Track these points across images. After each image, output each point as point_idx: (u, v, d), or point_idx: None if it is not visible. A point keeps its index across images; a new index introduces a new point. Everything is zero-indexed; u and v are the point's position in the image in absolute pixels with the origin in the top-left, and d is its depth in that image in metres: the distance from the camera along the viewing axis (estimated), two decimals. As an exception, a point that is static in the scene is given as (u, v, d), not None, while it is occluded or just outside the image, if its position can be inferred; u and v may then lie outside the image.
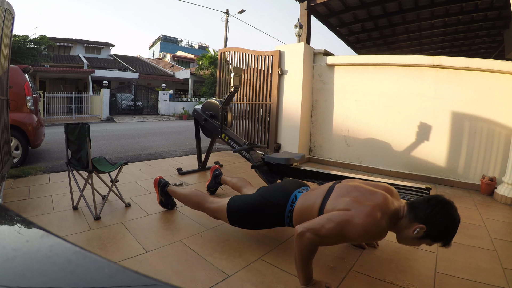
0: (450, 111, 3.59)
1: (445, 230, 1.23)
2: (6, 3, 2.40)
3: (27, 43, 12.96)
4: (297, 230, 1.30)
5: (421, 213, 1.25)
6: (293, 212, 1.57)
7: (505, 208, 2.78)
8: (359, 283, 1.43)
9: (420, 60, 3.76)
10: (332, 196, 1.43)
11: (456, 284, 1.45)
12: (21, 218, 0.52)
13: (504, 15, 5.92)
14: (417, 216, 1.26)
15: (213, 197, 1.91)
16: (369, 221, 1.22)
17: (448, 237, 1.24)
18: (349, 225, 1.23)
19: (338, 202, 1.37)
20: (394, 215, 1.31)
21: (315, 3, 5.45)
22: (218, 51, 5.61)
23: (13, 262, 0.36)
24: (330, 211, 1.36)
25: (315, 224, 1.28)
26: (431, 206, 1.25)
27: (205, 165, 3.74)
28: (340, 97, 4.41)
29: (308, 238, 1.27)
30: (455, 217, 1.23)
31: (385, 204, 1.29)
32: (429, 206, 1.25)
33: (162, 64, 27.69)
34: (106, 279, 0.34)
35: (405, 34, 7.93)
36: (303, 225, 1.30)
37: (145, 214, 2.20)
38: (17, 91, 3.66)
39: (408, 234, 1.28)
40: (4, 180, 2.45)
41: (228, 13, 16.54)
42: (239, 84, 3.21)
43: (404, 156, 3.86)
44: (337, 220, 1.26)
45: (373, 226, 1.23)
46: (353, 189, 1.41)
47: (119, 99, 15.70)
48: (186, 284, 1.36)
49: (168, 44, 51.10)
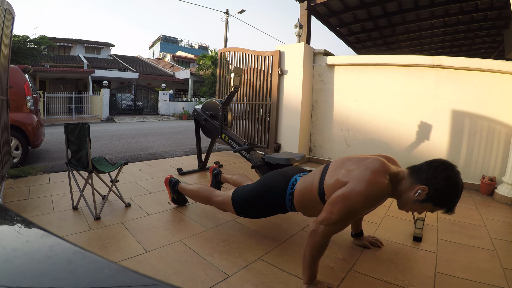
0: (450, 111, 3.59)
1: (447, 193, 1.19)
2: (6, 3, 2.40)
3: (27, 43, 12.95)
4: (310, 228, 1.28)
5: (423, 174, 1.22)
6: (293, 195, 1.57)
7: (505, 208, 2.78)
8: (359, 283, 1.43)
9: (420, 60, 3.76)
10: (329, 171, 1.43)
11: (456, 284, 1.45)
12: (21, 218, 0.52)
13: (504, 15, 5.92)
14: (418, 178, 1.23)
15: (219, 191, 1.98)
16: (369, 185, 1.19)
17: (450, 201, 1.20)
18: (353, 195, 1.19)
19: (335, 174, 1.36)
20: (393, 178, 1.28)
21: (315, 3, 5.45)
22: (218, 51, 5.61)
23: (13, 262, 0.36)
24: (329, 186, 1.35)
25: (324, 216, 1.25)
26: (433, 167, 1.21)
27: (205, 165, 3.74)
28: (340, 97, 4.41)
29: (321, 232, 1.24)
30: (458, 181, 1.19)
31: (382, 167, 1.26)
32: (431, 167, 1.22)
33: (162, 64, 27.68)
34: (106, 279, 0.34)
35: (405, 34, 7.93)
36: (314, 222, 1.28)
37: (145, 214, 2.20)
38: (17, 91, 3.66)
39: (409, 197, 1.25)
40: (4, 180, 2.45)
41: (228, 13, 16.54)
42: (239, 84, 3.21)
43: (404, 156, 3.85)
44: (340, 199, 1.22)
45: (373, 189, 1.19)
46: (347, 161, 1.41)
47: (119, 99, 15.70)
48: (186, 284, 1.36)
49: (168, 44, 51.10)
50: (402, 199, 1.31)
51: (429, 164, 1.25)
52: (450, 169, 1.21)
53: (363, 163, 1.30)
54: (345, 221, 1.25)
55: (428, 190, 1.19)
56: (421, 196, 1.21)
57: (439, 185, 1.18)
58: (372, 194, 1.20)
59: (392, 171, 1.29)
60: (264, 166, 2.90)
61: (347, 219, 1.24)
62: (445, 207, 1.21)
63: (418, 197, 1.22)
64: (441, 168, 1.21)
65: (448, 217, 2.44)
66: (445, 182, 1.18)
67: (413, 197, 1.23)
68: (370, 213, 2.40)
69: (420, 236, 1.94)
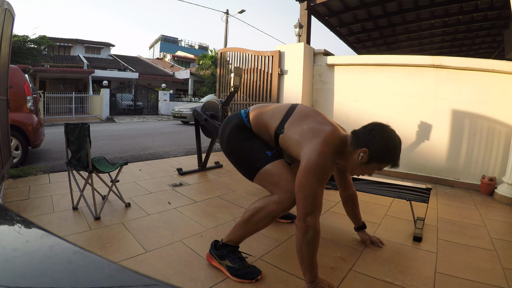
0: (450, 111, 3.59)
1: (387, 149, 1.28)
2: (6, 3, 2.40)
3: (27, 43, 12.95)
4: (299, 227, 1.27)
5: (362, 138, 1.31)
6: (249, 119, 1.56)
7: (505, 208, 2.78)
8: (359, 283, 1.43)
9: (420, 60, 3.76)
10: (292, 119, 1.45)
11: (456, 284, 1.45)
12: (21, 218, 0.52)
13: (504, 15, 5.92)
14: (358, 142, 1.32)
15: None
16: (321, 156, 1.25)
17: (392, 156, 1.30)
18: (312, 167, 1.24)
19: (296, 127, 1.40)
20: (342, 144, 1.36)
21: (315, 3, 5.45)
22: (218, 51, 5.61)
23: (13, 262, 0.36)
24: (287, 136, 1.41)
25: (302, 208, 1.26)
26: (369, 130, 1.32)
27: (205, 165, 3.74)
28: (340, 97, 4.41)
29: (312, 224, 1.25)
30: (394, 137, 1.32)
31: (334, 134, 1.33)
32: (367, 130, 1.32)
33: (162, 64, 27.69)
34: (106, 279, 0.34)
35: (405, 34, 7.93)
36: (299, 221, 1.27)
37: (145, 214, 2.20)
38: (17, 91, 3.66)
39: (354, 160, 1.33)
40: (4, 180, 2.45)
41: (228, 13, 16.54)
42: (239, 84, 3.21)
43: (404, 156, 3.84)
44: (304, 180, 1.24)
45: (325, 159, 1.26)
46: (308, 117, 1.44)
47: (119, 99, 15.69)
48: (186, 284, 1.36)
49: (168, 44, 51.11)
50: (349, 163, 1.38)
51: (365, 128, 1.35)
52: (385, 129, 1.32)
53: (321, 128, 1.36)
54: (320, 192, 1.28)
55: (369, 151, 1.28)
56: (364, 158, 1.30)
57: (378, 144, 1.27)
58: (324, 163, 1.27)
59: (341, 134, 1.38)
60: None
61: (321, 188, 1.28)
62: (390, 163, 1.32)
63: (362, 159, 1.30)
64: (376, 129, 1.31)
65: (448, 217, 2.44)
66: (383, 140, 1.28)
67: (358, 160, 1.32)
68: (370, 213, 2.41)
69: (420, 236, 1.94)
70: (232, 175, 3.55)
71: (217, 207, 2.45)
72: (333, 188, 3.11)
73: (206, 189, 2.97)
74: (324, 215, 2.36)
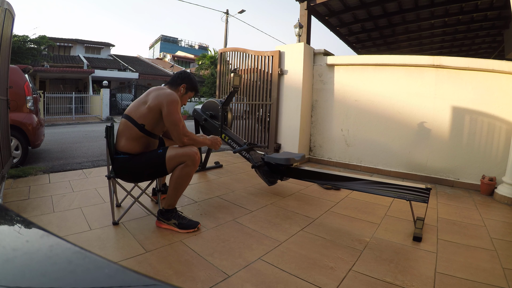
0: (450, 111, 3.59)
1: (193, 81, 2.15)
2: (6, 3, 2.41)
3: (27, 43, 12.96)
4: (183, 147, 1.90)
5: (177, 81, 2.10)
6: None
7: (505, 208, 2.78)
8: (359, 283, 1.43)
9: (420, 60, 3.76)
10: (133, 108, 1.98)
11: (456, 284, 1.45)
12: (21, 218, 0.52)
13: (504, 15, 5.93)
14: (176, 83, 2.09)
15: None
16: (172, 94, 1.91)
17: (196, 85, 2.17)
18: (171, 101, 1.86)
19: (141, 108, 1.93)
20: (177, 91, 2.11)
21: (315, 3, 5.45)
22: (218, 51, 5.61)
23: (13, 262, 0.36)
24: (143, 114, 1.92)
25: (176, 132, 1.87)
26: (177, 74, 2.15)
27: (205, 165, 3.74)
28: (340, 97, 4.41)
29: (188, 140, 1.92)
30: (190, 73, 2.17)
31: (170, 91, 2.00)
32: (177, 75, 2.14)
33: (162, 64, 27.68)
34: (106, 279, 0.34)
35: (405, 34, 7.94)
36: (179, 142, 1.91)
37: (145, 214, 2.20)
38: (17, 91, 3.66)
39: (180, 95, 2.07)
40: (4, 180, 2.45)
41: (228, 13, 16.54)
42: (239, 84, 3.21)
43: (404, 156, 3.86)
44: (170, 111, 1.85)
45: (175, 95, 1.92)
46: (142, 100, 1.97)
47: (119, 99, 15.70)
48: (186, 284, 1.36)
49: (168, 44, 51.13)
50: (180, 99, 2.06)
51: (175, 74, 2.14)
52: (185, 71, 2.18)
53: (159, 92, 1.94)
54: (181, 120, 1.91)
55: (186, 85, 2.10)
56: (184, 90, 2.10)
57: (188, 79, 2.12)
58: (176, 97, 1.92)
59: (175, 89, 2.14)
60: (264, 166, 2.90)
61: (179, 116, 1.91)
62: (195, 90, 2.17)
63: (183, 91, 2.10)
64: (181, 72, 2.17)
65: (448, 217, 2.44)
66: (188, 76, 2.14)
67: (181, 94, 2.09)
68: (370, 213, 2.41)
69: (420, 236, 1.94)
70: (232, 175, 3.55)
71: (217, 207, 2.45)
72: (333, 188, 3.12)
73: (206, 189, 2.97)
74: (324, 215, 2.36)
